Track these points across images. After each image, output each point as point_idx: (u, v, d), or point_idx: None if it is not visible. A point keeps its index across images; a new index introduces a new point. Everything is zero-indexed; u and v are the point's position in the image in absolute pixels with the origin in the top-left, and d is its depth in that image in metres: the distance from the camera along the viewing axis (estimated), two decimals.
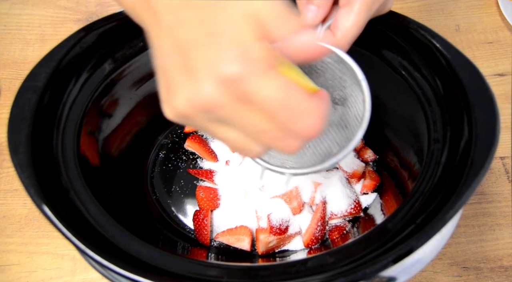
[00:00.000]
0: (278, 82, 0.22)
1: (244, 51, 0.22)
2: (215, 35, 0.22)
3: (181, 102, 0.24)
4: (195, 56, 0.23)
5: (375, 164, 0.53)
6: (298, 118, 0.23)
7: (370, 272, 0.29)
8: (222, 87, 0.22)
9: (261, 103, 0.22)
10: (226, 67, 0.22)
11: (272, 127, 0.23)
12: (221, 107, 0.23)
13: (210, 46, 0.22)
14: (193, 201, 0.52)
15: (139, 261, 0.32)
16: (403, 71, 0.40)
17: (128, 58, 0.42)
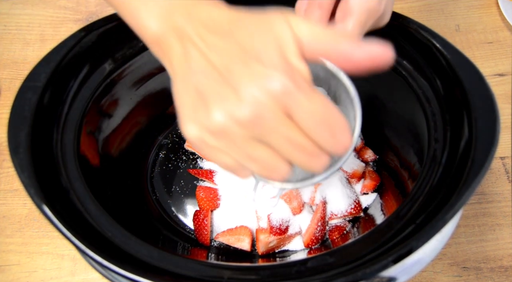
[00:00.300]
0: (319, 100, 0.24)
1: (290, 68, 0.23)
2: (257, 54, 0.23)
3: (219, 117, 0.24)
4: (238, 72, 0.23)
5: (375, 164, 0.53)
6: (335, 134, 0.24)
7: (370, 272, 0.29)
8: (268, 101, 0.23)
9: (303, 119, 0.24)
10: (273, 82, 0.23)
11: (309, 143, 0.24)
12: (264, 121, 0.23)
13: (254, 64, 0.23)
14: (193, 201, 0.52)
15: (139, 261, 0.32)
16: (403, 71, 0.40)
17: (128, 58, 0.42)
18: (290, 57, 0.24)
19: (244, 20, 0.25)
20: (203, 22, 0.25)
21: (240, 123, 0.24)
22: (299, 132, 0.24)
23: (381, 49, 0.24)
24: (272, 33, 0.24)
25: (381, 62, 0.25)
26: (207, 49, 0.24)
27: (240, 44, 0.24)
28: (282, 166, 0.26)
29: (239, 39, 0.24)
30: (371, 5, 0.31)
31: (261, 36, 0.24)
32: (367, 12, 0.31)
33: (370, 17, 0.32)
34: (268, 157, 0.25)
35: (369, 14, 0.32)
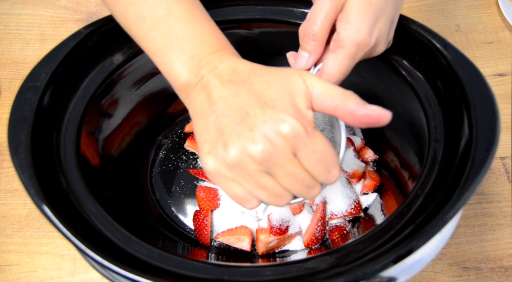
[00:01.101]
0: (320, 141, 0.28)
1: (299, 115, 0.28)
2: (273, 101, 0.28)
3: (235, 152, 0.28)
4: (254, 115, 0.28)
5: (375, 164, 0.53)
6: (330, 169, 0.29)
7: (370, 272, 0.29)
8: (278, 141, 0.27)
9: (306, 157, 0.28)
10: (285, 125, 0.27)
11: (307, 177, 0.29)
12: (273, 157, 0.28)
13: (269, 109, 0.28)
14: (193, 201, 0.52)
15: (139, 261, 0.32)
16: (403, 71, 0.40)
17: (128, 58, 0.42)
18: (300, 106, 0.28)
19: (263, 71, 0.30)
20: (227, 73, 0.30)
21: (252, 158, 0.28)
22: (301, 168, 0.28)
23: (380, 112, 0.28)
24: (287, 84, 0.28)
25: (379, 122, 0.29)
26: (228, 93, 0.29)
27: (257, 91, 0.28)
28: (286, 194, 0.30)
29: (257, 87, 0.29)
30: (361, 39, 0.32)
31: (277, 86, 0.28)
32: (356, 45, 0.33)
33: (360, 49, 0.33)
34: (275, 187, 0.29)
35: (359, 47, 0.33)
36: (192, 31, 0.31)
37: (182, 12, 0.31)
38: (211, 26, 0.32)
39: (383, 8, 0.33)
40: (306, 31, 0.34)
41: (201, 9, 0.33)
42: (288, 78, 0.29)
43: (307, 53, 0.35)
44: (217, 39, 0.32)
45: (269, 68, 0.30)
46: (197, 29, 0.31)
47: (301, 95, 0.28)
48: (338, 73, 0.34)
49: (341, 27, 0.33)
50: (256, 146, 0.27)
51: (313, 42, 0.34)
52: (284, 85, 0.28)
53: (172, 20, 0.31)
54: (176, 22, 0.31)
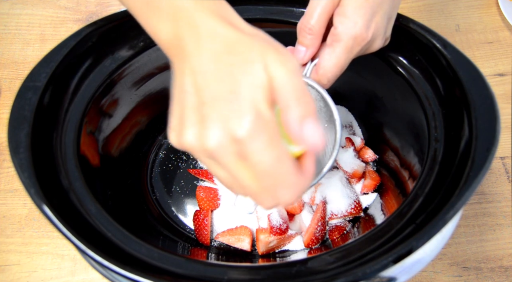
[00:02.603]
0: (275, 153, 0.24)
1: (257, 117, 0.24)
2: (235, 94, 0.24)
3: (189, 139, 0.26)
4: (212, 106, 0.25)
5: (375, 164, 0.53)
6: (279, 188, 0.25)
7: (370, 272, 0.29)
8: (227, 142, 0.25)
9: (254, 165, 0.25)
10: (238, 127, 0.24)
11: (255, 185, 0.26)
12: (219, 157, 0.25)
13: (228, 103, 0.24)
14: (193, 201, 0.52)
15: (139, 261, 0.32)
16: (403, 71, 0.40)
17: (128, 58, 0.42)
18: (259, 104, 0.24)
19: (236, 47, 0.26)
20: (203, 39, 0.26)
21: (201, 150, 0.26)
22: (249, 173, 0.25)
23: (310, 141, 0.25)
24: (247, 73, 0.25)
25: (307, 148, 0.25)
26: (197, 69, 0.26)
27: (221, 75, 0.25)
28: (237, 189, 0.28)
29: (223, 69, 0.25)
30: (358, 32, 0.32)
31: (239, 73, 0.25)
32: (353, 39, 0.33)
33: (357, 43, 0.33)
34: (226, 178, 0.27)
35: (356, 41, 0.33)
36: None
37: None
38: None
39: (380, 3, 0.33)
40: (303, 25, 0.34)
41: None
42: (249, 65, 0.25)
43: (303, 47, 0.35)
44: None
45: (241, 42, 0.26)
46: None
47: (260, 90, 0.25)
48: (335, 67, 0.34)
49: (338, 21, 0.33)
50: (205, 141, 0.25)
51: (310, 36, 0.34)
52: (246, 74, 0.25)
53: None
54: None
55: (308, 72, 0.36)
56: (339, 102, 0.55)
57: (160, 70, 0.46)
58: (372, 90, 0.49)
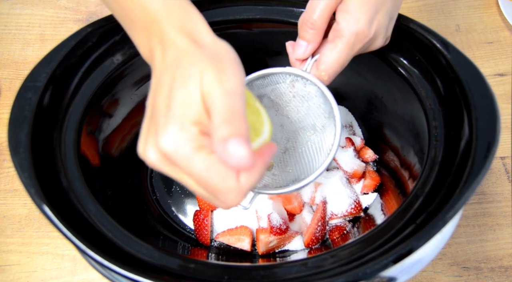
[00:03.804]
0: (202, 164, 0.25)
1: (180, 130, 0.25)
2: (168, 109, 0.25)
3: (139, 151, 0.28)
4: (152, 120, 0.26)
5: (375, 164, 0.53)
6: (217, 193, 0.26)
7: (370, 272, 0.29)
8: (159, 157, 0.26)
9: (189, 175, 0.26)
10: (163, 142, 0.25)
11: (200, 190, 0.27)
12: (161, 169, 0.27)
13: (161, 118, 0.26)
14: (193, 201, 0.52)
15: (139, 261, 0.32)
16: (403, 71, 0.40)
17: (128, 58, 0.42)
18: (186, 119, 0.25)
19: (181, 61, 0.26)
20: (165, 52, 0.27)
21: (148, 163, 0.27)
22: (192, 181, 0.26)
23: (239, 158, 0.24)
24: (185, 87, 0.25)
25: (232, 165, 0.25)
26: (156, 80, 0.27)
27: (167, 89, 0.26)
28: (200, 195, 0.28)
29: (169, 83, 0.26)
30: (360, 29, 0.32)
31: (178, 87, 0.26)
32: (355, 35, 0.33)
33: (358, 40, 0.33)
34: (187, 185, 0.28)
35: (358, 38, 0.33)
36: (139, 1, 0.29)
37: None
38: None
39: (383, 2, 0.33)
40: (305, 19, 0.34)
41: None
42: (187, 81, 0.25)
43: (305, 42, 0.35)
44: (162, 4, 0.28)
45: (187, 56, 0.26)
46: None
47: (192, 107, 0.25)
48: (336, 63, 0.34)
49: (341, 17, 0.33)
50: (148, 153, 0.27)
51: (312, 31, 0.34)
52: (181, 88, 0.25)
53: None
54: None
55: (308, 68, 0.36)
56: (339, 102, 0.55)
57: None
58: (372, 90, 0.49)
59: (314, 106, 0.37)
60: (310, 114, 0.38)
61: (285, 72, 0.36)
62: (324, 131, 0.37)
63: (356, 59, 0.36)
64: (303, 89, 0.37)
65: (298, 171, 0.37)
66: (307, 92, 0.37)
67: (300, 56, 0.35)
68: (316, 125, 0.38)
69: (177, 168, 0.26)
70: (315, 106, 0.37)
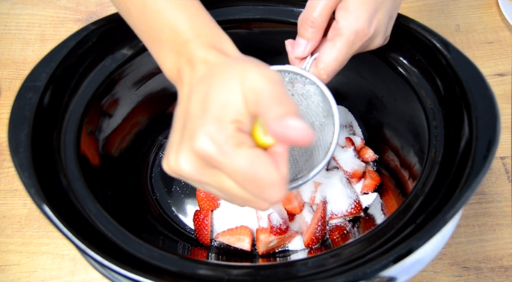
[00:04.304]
0: (246, 158, 0.24)
1: (218, 129, 0.24)
2: (206, 111, 0.25)
3: (166, 165, 0.27)
4: (188, 126, 0.26)
5: (375, 164, 0.53)
6: (263, 189, 0.25)
7: (370, 272, 0.29)
8: (196, 162, 0.25)
9: (231, 175, 0.25)
10: (201, 143, 0.24)
11: (243, 192, 0.26)
12: (198, 177, 0.26)
13: (199, 120, 0.25)
14: (194, 201, 0.52)
15: (139, 261, 0.32)
16: (403, 71, 0.40)
17: (128, 58, 0.42)
18: (224, 118, 0.25)
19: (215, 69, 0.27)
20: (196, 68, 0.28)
21: (182, 173, 0.26)
22: (234, 184, 0.26)
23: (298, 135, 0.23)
24: (224, 90, 0.25)
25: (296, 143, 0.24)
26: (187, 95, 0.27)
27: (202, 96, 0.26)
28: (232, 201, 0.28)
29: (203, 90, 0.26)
30: (360, 27, 0.32)
31: (215, 91, 0.26)
32: (355, 33, 0.33)
33: (358, 38, 0.33)
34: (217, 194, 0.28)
35: (357, 36, 0.33)
36: (167, 21, 0.30)
37: (158, 1, 0.30)
38: (188, 11, 0.30)
39: (382, 1, 0.33)
40: (305, 17, 0.34)
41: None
42: (226, 84, 0.25)
43: (304, 40, 0.35)
44: (192, 26, 0.30)
45: (224, 65, 0.27)
46: (171, 17, 0.30)
47: (230, 107, 0.25)
48: (335, 61, 0.34)
49: (341, 15, 0.33)
50: (182, 162, 0.26)
51: (312, 29, 0.34)
52: (219, 94, 0.25)
53: (149, 10, 0.30)
54: (153, 13, 0.30)
55: (307, 66, 0.36)
56: (339, 102, 0.55)
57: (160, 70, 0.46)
58: (372, 90, 0.49)
59: (313, 105, 0.37)
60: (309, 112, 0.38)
61: (284, 70, 0.36)
62: (322, 130, 0.37)
63: (356, 59, 0.36)
64: (302, 88, 0.37)
65: (297, 169, 0.37)
66: (306, 90, 0.37)
67: (299, 54, 0.35)
68: (314, 123, 0.38)
69: (216, 170, 0.25)
70: (314, 105, 0.37)
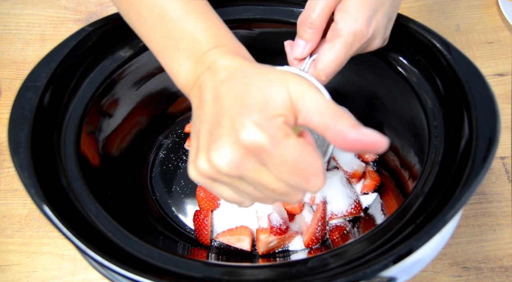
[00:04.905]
0: (295, 149, 0.24)
1: (265, 120, 0.24)
2: (246, 106, 0.25)
3: (205, 166, 0.26)
4: (223, 125, 0.25)
5: (375, 164, 0.53)
6: (309, 178, 0.25)
7: (371, 272, 0.29)
8: (240, 153, 0.25)
9: (276, 167, 0.25)
10: (245, 134, 0.24)
11: (282, 185, 0.26)
12: (239, 170, 0.25)
13: (237, 117, 0.25)
14: (194, 201, 0.52)
15: (139, 261, 0.32)
16: (403, 71, 0.40)
17: (129, 58, 0.42)
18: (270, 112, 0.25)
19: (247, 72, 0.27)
20: (220, 73, 0.28)
21: (220, 171, 0.26)
22: (272, 178, 0.26)
23: (375, 138, 0.25)
24: (265, 90, 0.26)
25: (373, 149, 0.25)
26: (213, 97, 0.27)
27: (235, 95, 0.26)
28: (268, 198, 0.28)
29: (237, 91, 0.26)
30: (359, 28, 0.32)
31: (255, 91, 0.26)
32: (354, 35, 0.33)
33: (357, 39, 0.33)
34: (253, 192, 0.28)
35: (356, 37, 0.33)
36: (187, 30, 0.30)
37: (177, 10, 0.31)
38: (208, 21, 0.31)
39: (381, 2, 0.33)
40: (304, 18, 0.34)
41: (198, 4, 0.31)
42: (269, 84, 0.26)
43: (303, 41, 0.35)
44: (213, 36, 0.30)
45: (258, 68, 0.27)
46: (192, 27, 0.30)
47: (276, 102, 0.25)
48: (334, 62, 0.34)
49: (339, 16, 0.33)
50: (220, 159, 0.25)
51: (310, 30, 0.34)
52: (262, 91, 0.26)
53: (168, 19, 0.31)
54: (171, 22, 0.31)
55: (306, 67, 0.36)
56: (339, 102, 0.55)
57: (160, 70, 0.46)
58: (372, 90, 0.49)
59: None
60: None
61: None
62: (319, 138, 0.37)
63: (356, 59, 0.36)
64: None
65: None
66: None
67: (298, 55, 0.35)
68: None
69: (257, 164, 0.25)
70: None
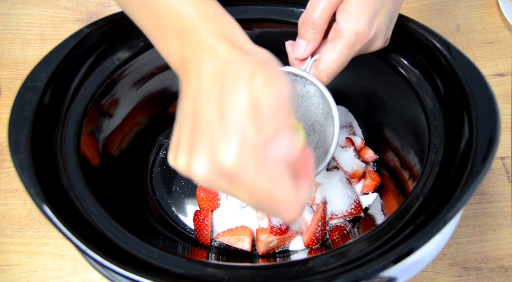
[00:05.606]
0: (265, 180, 0.23)
1: (243, 144, 0.23)
2: (222, 120, 0.23)
3: (180, 164, 0.26)
4: (201, 132, 0.24)
5: (375, 164, 0.53)
6: (276, 209, 0.24)
7: (371, 272, 0.29)
8: (214, 172, 0.24)
9: (248, 189, 0.24)
10: (223, 157, 0.23)
11: (256, 203, 0.25)
12: (209, 184, 0.25)
13: (215, 129, 0.23)
14: (194, 201, 0.52)
15: (139, 261, 0.32)
16: (403, 71, 0.40)
17: (129, 58, 0.42)
18: (246, 128, 0.23)
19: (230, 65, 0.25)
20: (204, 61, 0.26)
21: (195, 177, 0.25)
22: (246, 195, 0.24)
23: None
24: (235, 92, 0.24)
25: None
26: (195, 89, 0.25)
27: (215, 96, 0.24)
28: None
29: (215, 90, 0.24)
30: (361, 29, 0.32)
31: (229, 92, 0.24)
32: (355, 35, 0.33)
33: (358, 40, 0.33)
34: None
35: (357, 38, 0.33)
36: (171, 5, 0.27)
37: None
38: None
39: (383, 2, 0.33)
40: (305, 19, 0.34)
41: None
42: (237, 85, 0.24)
43: (305, 42, 0.35)
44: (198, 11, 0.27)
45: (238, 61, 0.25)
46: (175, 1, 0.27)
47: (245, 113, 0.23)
48: (335, 63, 0.34)
49: (341, 17, 0.33)
50: (197, 169, 0.24)
51: (312, 30, 0.34)
52: (233, 95, 0.24)
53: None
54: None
55: (308, 68, 0.36)
56: (339, 102, 0.55)
57: (160, 70, 0.46)
58: (372, 90, 0.49)
59: (313, 106, 0.37)
60: (308, 114, 0.38)
61: (284, 71, 0.36)
62: (322, 131, 0.37)
63: (356, 60, 0.36)
64: (302, 89, 0.37)
65: None
66: (306, 92, 0.37)
67: (299, 55, 0.35)
68: (314, 125, 0.38)
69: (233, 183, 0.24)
70: (314, 106, 0.37)
